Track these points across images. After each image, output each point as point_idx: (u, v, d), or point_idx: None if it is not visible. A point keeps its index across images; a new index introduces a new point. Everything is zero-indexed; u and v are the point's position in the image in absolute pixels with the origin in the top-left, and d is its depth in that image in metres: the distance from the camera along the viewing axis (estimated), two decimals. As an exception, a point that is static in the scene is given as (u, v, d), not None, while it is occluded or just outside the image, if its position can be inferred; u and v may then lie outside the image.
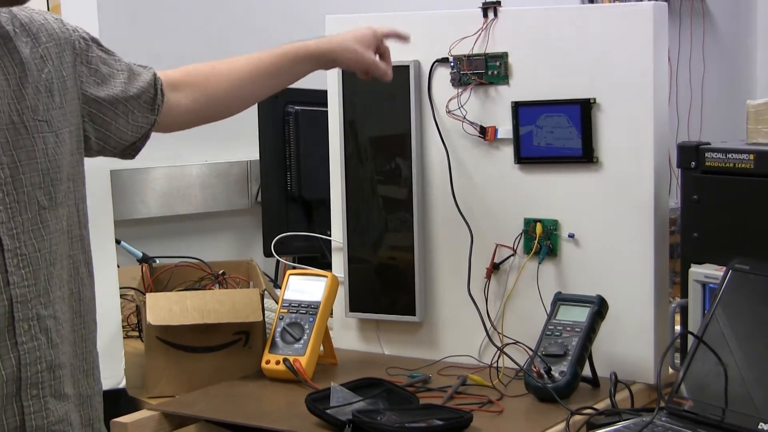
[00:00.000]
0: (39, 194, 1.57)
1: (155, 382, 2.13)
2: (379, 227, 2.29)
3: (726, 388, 1.70)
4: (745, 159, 1.96)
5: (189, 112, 1.92)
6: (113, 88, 1.77)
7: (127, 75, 1.81)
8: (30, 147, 1.57)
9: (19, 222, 1.55)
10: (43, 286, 1.57)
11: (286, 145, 2.84)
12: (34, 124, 1.58)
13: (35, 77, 1.61)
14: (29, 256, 1.56)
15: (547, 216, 2.15)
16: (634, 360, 2.08)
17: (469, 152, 2.21)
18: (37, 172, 1.57)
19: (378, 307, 2.30)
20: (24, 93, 1.58)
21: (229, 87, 1.95)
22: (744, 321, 1.75)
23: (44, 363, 1.57)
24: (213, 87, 1.93)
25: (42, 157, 1.58)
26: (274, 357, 2.12)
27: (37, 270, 1.56)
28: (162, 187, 3.11)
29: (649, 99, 2.05)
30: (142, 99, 1.82)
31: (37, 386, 1.57)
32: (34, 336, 1.56)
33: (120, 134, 1.79)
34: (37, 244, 1.57)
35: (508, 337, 2.13)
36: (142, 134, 1.83)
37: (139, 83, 1.82)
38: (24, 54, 1.60)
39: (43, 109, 1.60)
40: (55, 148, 1.61)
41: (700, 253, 2.00)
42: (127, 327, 2.53)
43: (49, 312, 1.58)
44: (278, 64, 1.98)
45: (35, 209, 1.57)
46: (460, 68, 2.18)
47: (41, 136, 1.59)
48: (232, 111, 2.01)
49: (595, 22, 2.09)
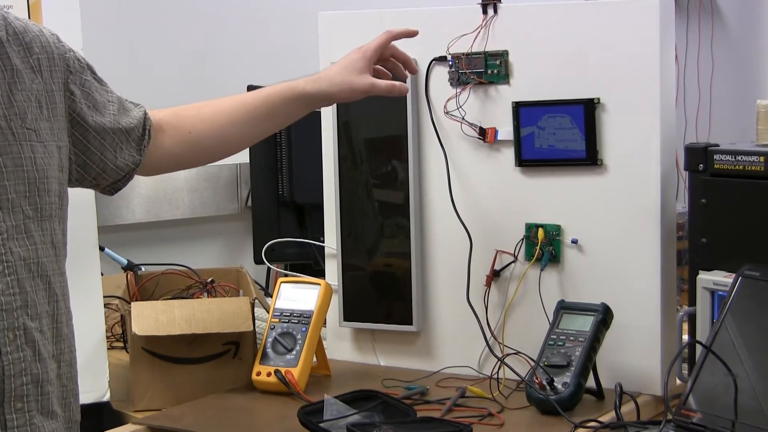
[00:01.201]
0: (24, 203, 1.56)
1: (141, 394, 2.12)
2: (374, 233, 2.28)
3: (736, 399, 1.68)
4: (755, 161, 1.94)
5: (172, 156, 1.89)
6: (103, 117, 1.75)
7: (118, 107, 1.79)
8: (17, 154, 1.56)
9: (3, 228, 1.54)
10: (30, 297, 1.56)
11: (278, 147, 2.87)
12: (22, 132, 1.58)
13: (26, 85, 1.60)
14: (14, 264, 1.54)
15: (549, 221, 2.13)
16: (640, 371, 2.06)
17: (469, 155, 2.19)
18: (23, 180, 1.56)
19: (373, 317, 2.29)
20: (12, 99, 1.58)
21: (214, 132, 1.91)
22: (755, 330, 1.75)
23: (29, 376, 1.56)
24: (198, 132, 1.90)
25: (30, 165, 1.57)
26: (265, 368, 2.11)
27: (22, 279, 1.55)
28: (148, 191, 3.11)
29: (655, 99, 2.03)
30: (131, 136, 1.80)
31: (21, 399, 1.55)
32: (20, 347, 1.54)
33: (102, 167, 1.76)
34: (23, 252, 1.56)
35: (508, 347, 2.12)
36: (125, 173, 1.82)
37: (130, 119, 1.80)
38: (15, 61, 1.60)
39: (31, 118, 1.59)
40: (43, 159, 1.60)
41: (709, 260, 1.99)
42: (112, 337, 2.52)
43: (36, 325, 1.57)
44: (266, 107, 1.92)
45: (20, 218, 1.56)
46: (459, 67, 2.17)
47: (29, 144, 1.58)
48: (217, 156, 1.97)
49: (600, 18, 2.08)
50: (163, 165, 1.90)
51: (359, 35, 2.15)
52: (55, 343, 1.62)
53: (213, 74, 3.24)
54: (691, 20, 4.89)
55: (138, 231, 3.10)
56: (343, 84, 1.93)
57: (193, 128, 1.89)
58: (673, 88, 2.10)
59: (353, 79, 1.94)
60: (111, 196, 1.87)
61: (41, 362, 1.57)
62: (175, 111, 1.91)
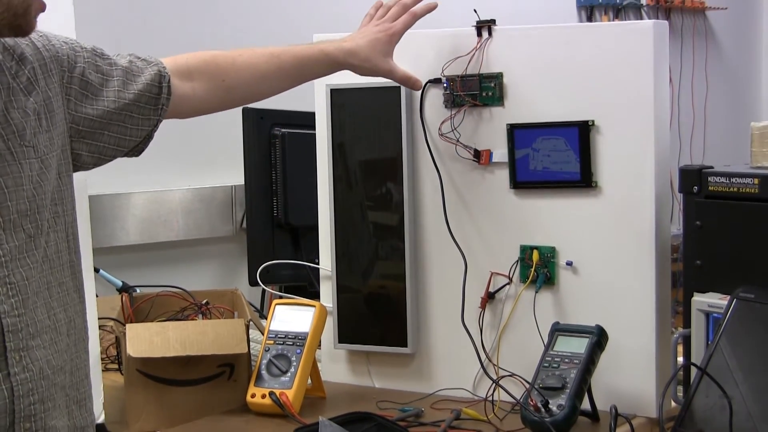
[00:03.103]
0: (25, 222, 1.56)
1: (136, 416, 2.10)
2: (369, 255, 2.27)
3: (731, 422, 1.67)
4: (749, 183, 1.95)
5: (202, 102, 1.94)
6: (104, 100, 1.74)
7: (122, 80, 1.78)
8: (17, 173, 1.56)
9: (7, 250, 1.53)
10: (31, 316, 1.56)
11: (273, 169, 2.85)
12: (21, 150, 1.57)
13: (22, 102, 1.59)
14: (18, 285, 1.54)
15: (544, 243, 2.13)
16: (635, 393, 2.06)
17: (463, 176, 2.19)
18: (23, 199, 1.56)
19: (368, 338, 2.28)
20: (9, 118, 1.57)
21: (248, 81, 1.98)
22: (749, 352, 1.75)
23: (36, 395, 1.55)
24: (231, 79, 1.96)
25: (28, 183, 1.57)
26: (259, 390, 2.10)
27: (26, 299, 1.55)
28: (142, 213, 3.10)
29: (649, 121, 2.04)
30: (141, 101, 1.80)
31: (30, 419, 1.54)
32: (26, 367, 1.54)
33: (118, 142, 1.77)
34: (25, 272, 1.55)
35: (503, 369, 2.10)
36: (144, 136, 1.82)
37: (138, 85, 1.79)
38: (8, 79, 1.59)
39: (30, 134, 1.58)
40: (40, 175, 1.59)
41: (704, 282, 1.98)
42: (106, 359, 2.51)
43: (37, 342, 1.56)
44: (299, 67, 2.02)
45: (22, 237, 1.55)
46: (454, 89, 2.17)
47: (28, 162, 1.57)
48: (245, 102, 2.10)
49: (594, 41, 2.08)
50: (189, 110, 1.93)
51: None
52: (64, 350, 1.61)
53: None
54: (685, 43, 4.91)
55: (133, 253, 3.08)
56: (367, 61, 2.05)
57: (226, 77, 1.94)
58: (667, 110, 2.10)
59: (377, 60, 2.05)
60: (135, 157, 1.87)
61: (44, 379, 1.56)
62: (205, 58, 1.94)
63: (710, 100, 4.95)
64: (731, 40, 5.25)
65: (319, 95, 2.28)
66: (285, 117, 2.79)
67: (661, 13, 4.97)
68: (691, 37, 4.95)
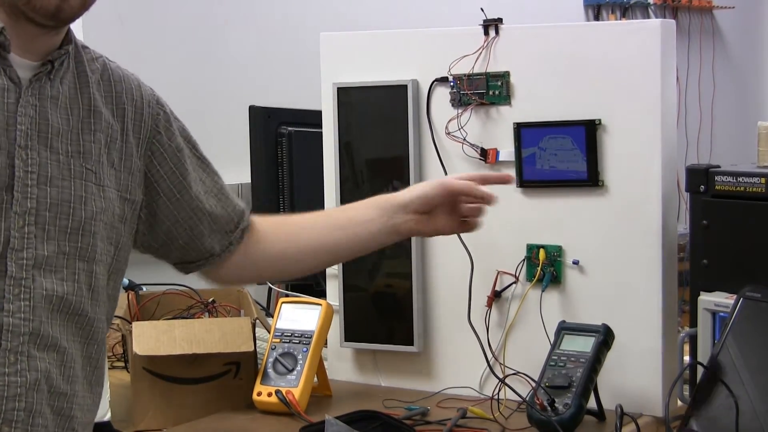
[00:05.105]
0: (62, 238, 1.51)
1: (142, 414, 2.10)
2: (375, 253, 2.20)
3: (737, 421, 1.67)
4: (756, 182, 1.95)
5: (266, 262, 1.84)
6: (188, 191, 1.71)
7: (214, 190, 1.76)
8: (67, 189, 1.52)
9: (32, 255, 1.49)
10: (37, 326, 1.49)
11: (279, 167, 2.84)
12: (80, 170, 1.53)
13: (99, 127, 1.57)
14: (33, 291, 1.49)
15: (550, 242, 2.13)
16: (641, 392, 2.06)
17: None
18: (66, 215, 1.51)
19: (374, 337, 2.28)
20: (81, 138, 1.54)
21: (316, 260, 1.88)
22: (756, 351, 1.74)
23: (23, 403, 1.49)
24: (302, 262, 1.86)
25: (78, 203, 1.52)
26: (265, 389, 2.09)
27: (38, 308, 1.49)
28: None
29: (656, 120, 2.03)
30: (216, 223, 1.75)
31: (10, 424, 1.48)
32: (20, 372, 1.48)
33: (168, 234, 1.72)
34: (47, 284, 1.50)
35: (509, 367, 2.11)
36: (202, 257, 1.77)
37: (222, 209, 1.76)
38: (97, 103, 1.57)
39: (95, 160, 1.55)
40: (95, 201, 1.55)
41: (710, 281, 1.98)
42: (113, 357, 2.51)
43: (41, 355, 1.50)
44: (369, 244, 1.88)
45: (54, 250, 1.50)
46: (460, 88, 2.16)
47: (83, 183, 1.53)
48: (300, 275, 1.97)
49: (601, 40, 2.08)
50: (245, 273, 1.85)
51: (360, 55, 2.16)
52: (63, 381, 1.54)
53: (213, 87, 3.25)
54: (692, 42, 4.90)
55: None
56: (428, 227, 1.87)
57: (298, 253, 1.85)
58: (674, 109, 2.09)
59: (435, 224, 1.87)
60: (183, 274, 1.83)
61: (38, 392, 1.50)
62: (280, 227, 1.86)
63: (717, 99, 4.94)
64: (738, 39, 5.24)
65: (325, 94, 2.27)
66: (292, 115, 2.78)
67: (668, 12, 4.97)
68: (698, 36, 4.95)
